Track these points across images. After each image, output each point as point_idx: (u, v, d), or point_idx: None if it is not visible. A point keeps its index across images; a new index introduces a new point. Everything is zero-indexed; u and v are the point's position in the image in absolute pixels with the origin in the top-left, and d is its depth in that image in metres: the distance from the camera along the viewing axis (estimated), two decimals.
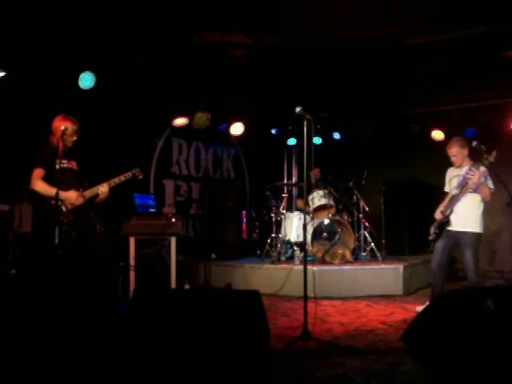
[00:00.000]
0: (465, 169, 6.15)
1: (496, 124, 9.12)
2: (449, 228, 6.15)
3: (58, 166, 5.47)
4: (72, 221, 5.50)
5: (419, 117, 10.06)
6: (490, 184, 6.00)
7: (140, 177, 6.22)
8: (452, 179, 6.31)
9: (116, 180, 5.95)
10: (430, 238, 6.27)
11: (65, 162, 5.68)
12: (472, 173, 5.87)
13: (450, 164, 6.37)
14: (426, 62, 8.32)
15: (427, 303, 6.28)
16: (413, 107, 10.05)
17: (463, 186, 6.00)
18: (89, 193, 5.75)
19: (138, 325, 4.06)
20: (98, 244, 5.82)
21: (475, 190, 5.94)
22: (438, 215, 6.29)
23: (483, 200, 6.02)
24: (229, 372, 3.84)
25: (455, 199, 6.08)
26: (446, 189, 6.43)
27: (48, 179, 5.56)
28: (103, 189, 5.78)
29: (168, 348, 3.90)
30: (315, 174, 9.67)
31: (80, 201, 5.61)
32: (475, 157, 6.06)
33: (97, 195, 5.79)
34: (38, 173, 5.57)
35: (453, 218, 6.12)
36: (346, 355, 4.45)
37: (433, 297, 6.27)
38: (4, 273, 6.21)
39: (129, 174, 6.07)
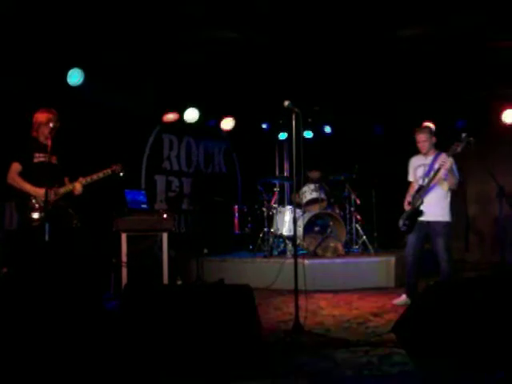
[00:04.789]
0: (430, 158, 6.17)
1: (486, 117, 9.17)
2: (421, 219, 6.14)
3: (35, 160, 5.60)
4: (45, 216, 5.39)
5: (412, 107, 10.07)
6: (457, 174, 6.03)
7: (121, 173, 6.21)
8: (417, 168, 6.30)
9: (94, 177, 5.94)
10: (402, 229, 6.26)
11: (43, 155, 5.67)
12: (444, 160, 5.87)
13: (414, 153, 6.38)
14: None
15: (404, 296, 6.33)
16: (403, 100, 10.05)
17: (434, 175, 5.97)
18: (63, 190, 5.78)
19: (127, 321, 4.06)
20: (74, 239, 5.83)
21: (445, 179, 5.94)
22: (406, 206, 6.27)
23: (450, 189, 6.04)
24: (220, 366, 3.85)
25: (425, 189, 6.05)
26: (411, 178, 6.43)
27: (24, 174, 5.64)
28: (77, 187, 5.82)
29: (158, 344, 3.91)
30: (315, 175, 9.61)
31: (50, 197, 5.51)
32: (464, 149, 6.06)
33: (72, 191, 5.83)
34: (15, 167, 5.66)
35: (423, 208, 6.10)
36: (337, 348, 4.46)
37: (408, 290, 6.30)
38: None
39: (108, 171, 6.07)
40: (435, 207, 6.06)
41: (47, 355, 3.75)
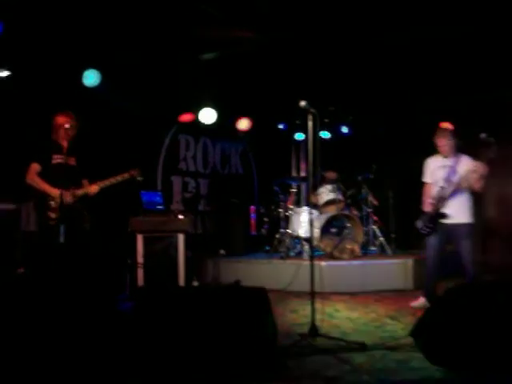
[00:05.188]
0: (451, 160, 6.07)
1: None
2: (444, 221, 6.05)
3: (53, 162, 5.68)
4: (60, 216, 5.55)
5: (428, 109, 9.95)
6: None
7: (139, 178, 6.26)
8: (437, 170, 6.19)
9: (112, 180, 6.02)
10: (423, 232, 6.16)
11: (61, 157, 5.79)
12: (477, 165, 5.77)
13: (432, 154, 6.28)
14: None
15: (422, 298, 6.24)
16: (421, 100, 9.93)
17: (462, 178, 5.89)
18: (81, 192, 5.86)
19: (140, 322, 4.04)
20: (88, 240, 5.91)
21: (473, 183, 5.85)
22: (428, 208, 6.17)
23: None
24: (235, 369, 3.81)
25: (450, 191, 5.96)
26: (428, 179, 6.33)
27: (43, 174, 5.71)
28: (93, 190, 5.91)
29: (171, 345, 3.87)
30: (331, 176, 9.54)
31: (68, 200, 5.69)
32: (483, 150, 5.97)
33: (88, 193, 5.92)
34: (34, 168, 5.74)
35: (449, 210, 6.01)
36: (354, 351, 4.40)
37: (426, 292, 6.21)
38: (12, 271, 6.23)
39: (125, 175, 6.13)
40: (460, 209, 5.99)
41: (59, 354, 3.75)
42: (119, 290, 6.71)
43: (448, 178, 6.01)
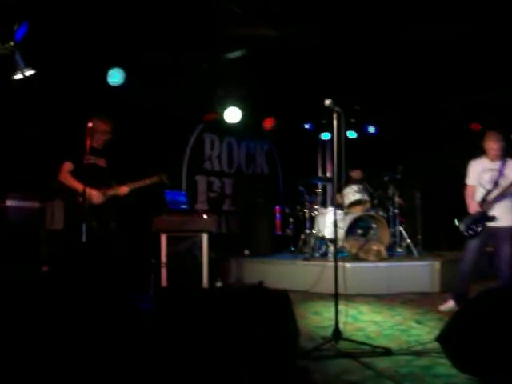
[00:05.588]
0: (497, 163, 5.96)
1: None
2: (490, 225, 5.92)
3: (85, 162, 5.70)
4: (92, 215, 5.67)
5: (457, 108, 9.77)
6: None
7: (166, 182, 6.47)
8: (483, 172, 6.06)
9: (141, 183, 6.21)
10: (466, 234, 6.03)
11: (93, 158, 5.92)
12: None
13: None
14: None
15: (451, 302, 6.10)
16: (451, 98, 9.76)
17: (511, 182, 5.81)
18: (111, 192, 6.02)
19: (161, 323, 4.00)
20: (112, 240, 6.01)
21: None
22: (474, 209, 6.05)
23: None
24: (256, 373, 3.75)
25: (500, 194, 5.85)
26: (470, 182, 6.19)
27: (75, 174, 5.83)
28: (123, 191, 6.08)
29: (191, 347, 3.82)
30: (357, 174, 9.44)
31: (99, 200, 5.87)
32: None
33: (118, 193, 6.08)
34: (67, 166, 5.88)
35: (495, 213, 5.90)
36: (378, 356, 4.31)
37: (456, 296, 6.07)
38: (36, 270, 6.26)
39: (154, 179, 6.31)
40: (505, 213, 5.89)
41: (75, 351, 3.74)
42: (142, 290, 6.70)
43: (495, 181, 5.91)
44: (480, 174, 6.10)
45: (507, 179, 5.86)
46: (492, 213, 5.90)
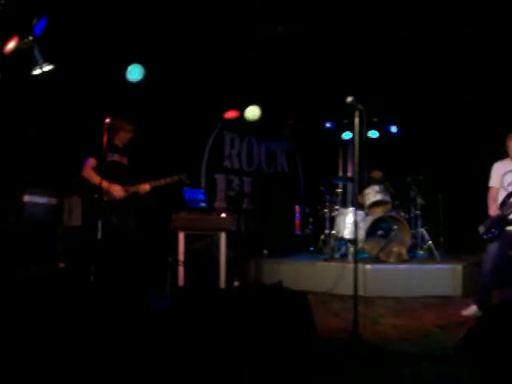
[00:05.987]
0: None
1: None
2: (508, 228, 5.76)
3: (109, 159, 5.91)
4: (112, 211, 5.87)
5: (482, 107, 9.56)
6: None
7: (187, 182, 6.62)
8: (506, 174, 5.91)
9: (162, 181, 6.32)
10: (486, 237, 5.87)
11: (116, 156, 6.10)
12: None
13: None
14: None
15: (473, 307, 5.94)
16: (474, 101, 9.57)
17: None
18: (133, 188, 6.10)
19: (176, 321, 3.93)
20: (129, 238, 6.11)
21: None
22: (494, 212, 5.89)
23: None
24: (274, 376, 3.66)
25: None
26: (494, 184, 6.03)
27: (98, 170, 5.90)
28: (145, 188, 6.19)
29: (206, 348, 3.74)
30: (377, 175, 9.29)
31: (121, 195, 5.98)
32: None
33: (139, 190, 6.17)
34: (91, 162, 6.00)
35: None
36: (398, 361, 4.18)
37: (479, 301, 5.91)
38: (52, 266, 6.24)
39: (175, 178, 6.43)
40: None
41: (90, 349, 3.69)
42: (159, 289, 6.65)
43: None
44: (502, 177, 5.95)
45: None
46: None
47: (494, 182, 6.07)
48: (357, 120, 4.74)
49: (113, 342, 3.82)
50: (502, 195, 5.90)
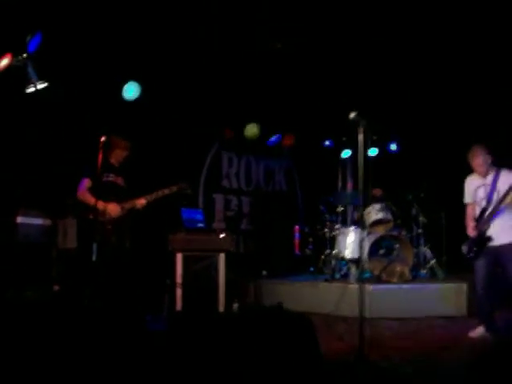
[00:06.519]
0: (490, 177, 5.66)
1: None
2: (490, 244, 5.60)
3: (104, 179, 5.78)
4: (111, 231, 5.71)
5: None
6: None
7: (188, 191, 6.36)
8: (477, 189, 5.77)
9: (159, 193, 6.05)
10: (469, 256, 5.74)
11: (111, 176, 5.94)
12: None
13: (469, 173, 5.89)
14: None
15: (480, 328, 5.76)
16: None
17: (504, 196, 5.43)
18: (128, 205, 5.90)
19: (174, 345, 3.78)
20: (124, 259, 5.93)
21: None
22: (471, 231, 5.74)
23: None
24: None
25: (493, 211, 5.53)
26: (468, 200, 5.91)
27: (93, 190, 5.74)
28: (141, 203, 5.98)
29: (206, 372, 3.59)
30: (378, 193, 9.17)
31: (118, 213, 5.81)
32: None
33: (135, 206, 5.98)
34: (85, 183, 5.85)
35: (492, 231, 5.56)
36: None
37: (483, 321, 5.75)
38: (47, 289, 6.10)
39: (173, 188, 6.14)
40: (503, 229, 5.54)
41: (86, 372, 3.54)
42: (156, 311, 6.49)
43: (488, 197, 5.59)
44: (474, 191, 5.82)
45: (500, 193, 5.52)
46: (490, 231, 5.58)
47: (467, 197, 5.96)
48: (361, 136, 4.63)
49: (109, 365, 3.68)
50: (477, 211, 5.77)
